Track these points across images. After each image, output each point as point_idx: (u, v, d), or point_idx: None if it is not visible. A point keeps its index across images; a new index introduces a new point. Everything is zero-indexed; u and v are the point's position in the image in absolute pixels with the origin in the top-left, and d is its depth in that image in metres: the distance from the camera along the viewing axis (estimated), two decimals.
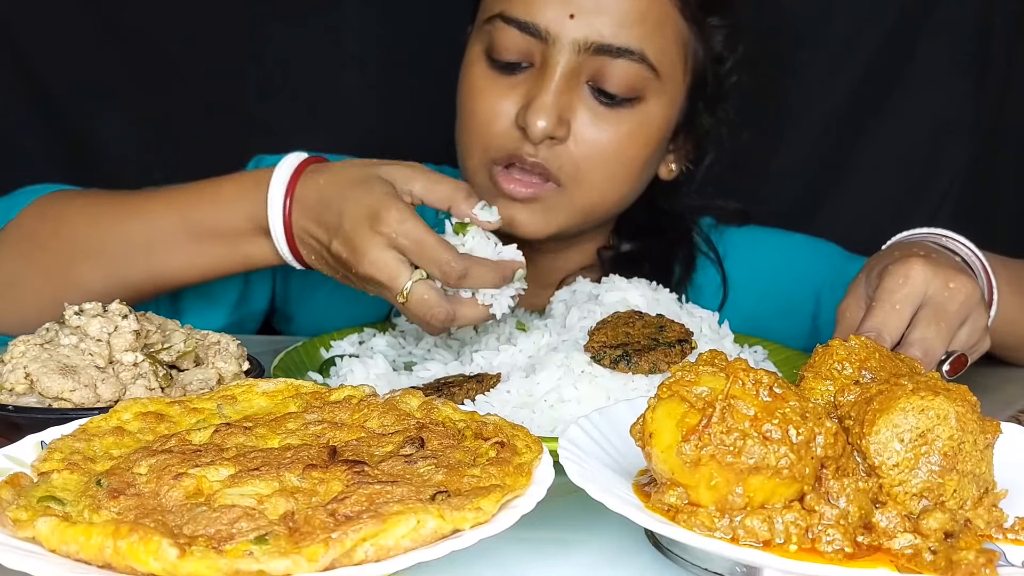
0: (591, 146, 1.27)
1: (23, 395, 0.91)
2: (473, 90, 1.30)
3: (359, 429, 0.81)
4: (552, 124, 1.23)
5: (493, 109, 1.28)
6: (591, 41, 1.23)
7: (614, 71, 1.24)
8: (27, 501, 0.68)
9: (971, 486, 0.74)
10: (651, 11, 1.26)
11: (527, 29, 1.25)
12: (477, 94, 1.30)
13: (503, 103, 1.27)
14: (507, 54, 1.27)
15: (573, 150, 1.26)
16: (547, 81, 1.24)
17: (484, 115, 1.29)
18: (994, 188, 1.87)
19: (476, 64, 1.31)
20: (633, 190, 1.36)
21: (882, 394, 0.74)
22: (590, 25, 1.23)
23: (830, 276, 1.47)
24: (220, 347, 1.01)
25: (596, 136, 1.27)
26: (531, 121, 1.23)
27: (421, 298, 1.09)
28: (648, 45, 1.26)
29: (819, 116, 1.86)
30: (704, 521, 0.69)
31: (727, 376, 0.71)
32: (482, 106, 1.29)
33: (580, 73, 1.25)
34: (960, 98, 1.82)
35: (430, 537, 0.64)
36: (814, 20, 1.82)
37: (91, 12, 1.82)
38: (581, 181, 1.28)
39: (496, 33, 1.27)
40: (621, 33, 1.24)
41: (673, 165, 1.42)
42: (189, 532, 0.64)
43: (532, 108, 1.23)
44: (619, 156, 1.29)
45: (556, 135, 1.25)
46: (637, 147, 1.30)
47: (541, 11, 1.24)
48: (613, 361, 1.05)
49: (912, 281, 1.02)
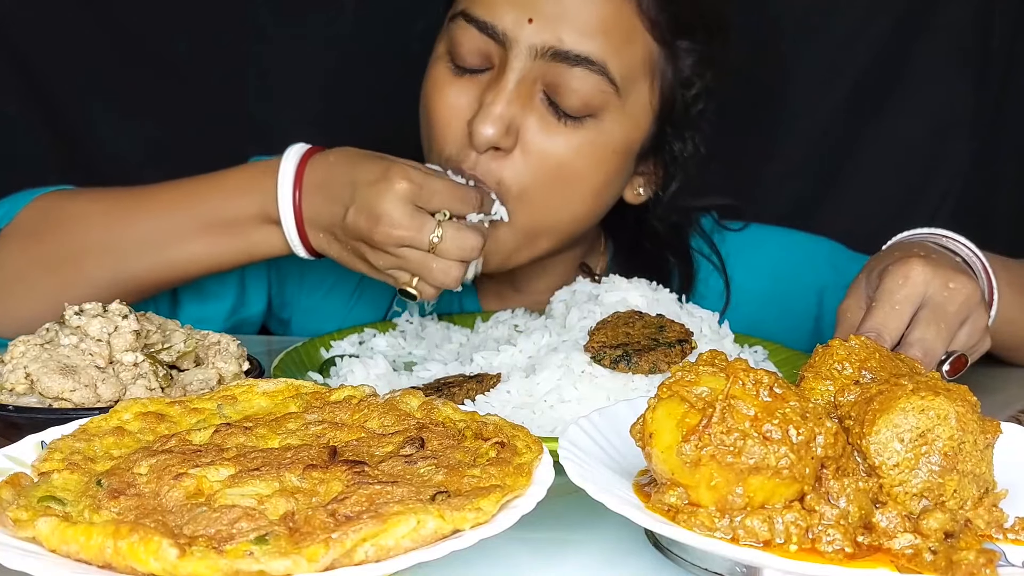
0: (538, 158, 1.22)
1: (23, 395, 0.91)
2: (433, 87, 1.28)
3: (359, 429, 0.81)
4: (499, 133, 1.19)
5: (449, 110, 1.25)
6: (548, 46, 1.19)
7: (571, 81, 1.20)
8: (27, 501, 0.68)
9: (971, 486, 0.74)
10: (618, 25, 1.22)
11: (486, 29, 1.22)
12: (436, 92, 1.27)
13: (459, 106, 1.24)
14: (467, 54, 1.24)
15: (517, 163, 1.22)
16: (500, 87, 1.20)
17: (440, 117, 1.26)
18: (994, 188, 1.87)
19: (439, 61, 1.28)
20: (588, 212, 1.30)
21: (882, 394, 0.74)
22: (549, 30, 1.19)
23: (832, 276, 1.47)
24: (220, 347, 1.01)
25: (545, 148, 1.21)
26: (477, 129, 1.19)
27: (455, 235, 1.11)
28: (611, 58, 1.21)
29: (819, 116, 1.86)
30: (704, 521, 0.69)
31: (727, 376, 0.71)
32: (439, 107, 1.26)
33: (536, 82, 1.21)
34: (960, 98, 1.83)
35: (430, 537, 0.64)
36: (814, 20, 1.82)
37: (91, 12, 1.82)
38: (525, 199, 1.23)
39: (457, 31, 1.24)
40: (582, 41, 1.19)
41: (641, 190, 1.37)
42: (189, 532, 0.64)
43: (480, 115, 1.19)
44: (568, 172, 1.23)
45: (501, 145, 1.20)
46: (589, 164, 1.24)
47: (501, 13, 1.21)
48: (613, 361, 1.05)
49: (912, 281, 1.02)
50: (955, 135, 1.84)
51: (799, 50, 1.82)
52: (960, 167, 1.85)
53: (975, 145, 1.84)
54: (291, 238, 1.19)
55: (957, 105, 1.83)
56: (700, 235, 1.51)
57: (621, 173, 1.31)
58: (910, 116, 1.83)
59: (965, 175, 1.85)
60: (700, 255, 1.49)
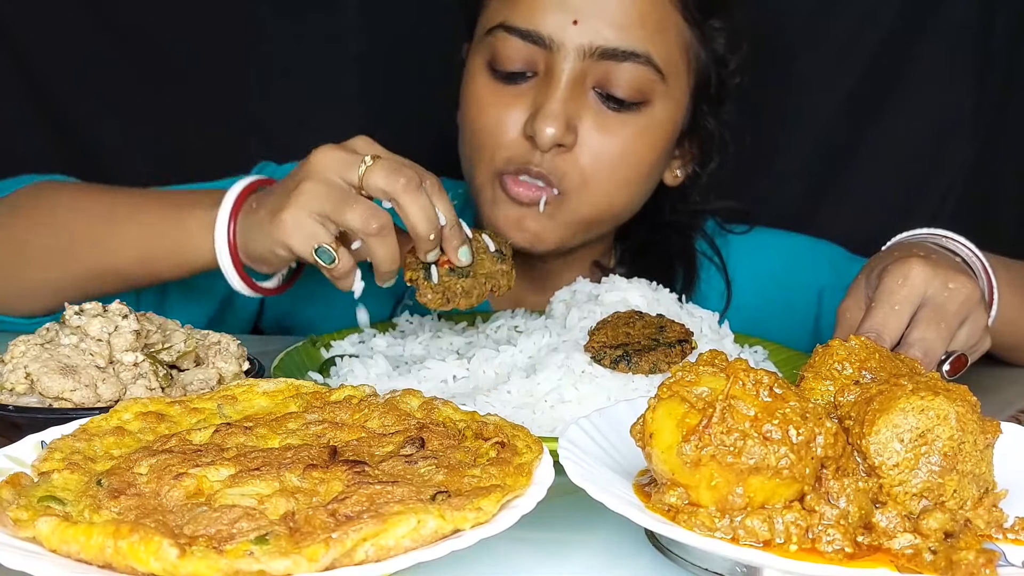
0: (598, 152, 1.26)
1: (23, 395, 0.91)
2: (478, 103, 1.29)
3: (359, 429, 0.81)
4: (560, 131, 1.23)
5: (500, 120, 1.27)
6: (596, 46, 1.23)
7: (620, 75, 1.24)
8: (27, 501, 0.68)
9: (971, 486, 0.74)
10: (652, 13, 1.25)
11: (530, 37, 1.24)
12: (482, 106, 1.29)
13: (510, 113, 1.27)
14: (511, 63, 1.26)
15: (580, 157, 1.26)
16: (553, 88, 1.23)
17: (491, 127, 1.28)
18: (994, 188, 1.87)
19: (479, 76, 1.30)
20: (639, 196, 1.35)
21: (882, 394, 0.74)
22: (593, 30, 1.23)
23: (832, 278, 1.47)
24: (220, 347, 1.02)
25: (603, 142, 1.26)
26: (539, 129, 1.22)
27: (387, 160, 1.09)
28: (652, 47, 1.25)
29: (819, 116, 1.86)
30: (704, 521, 0.69)
31: (727, 376, 0.71)
32: (489, 118, 1.28)
33: (586, 79, 1.25)
34: (960, 98, 1.82)
35: (430, 537, 0.64)
36: (814, 20, 1.82)
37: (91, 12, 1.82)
38: (586, 189, 1.27)
39: (498, 43, 1.26)
40: (625, 36, 1.23)
41: (679, 171, 1.42)
42: (189, 532, 0.64)
43: (540, 116, 1.22)
44: (626, 160, 1.28)
45: (564, 142, 1.24)
46: (644, 151, 1.29)
47: (543, 19, 1.24)
48: (613, 361, 1.05)
49: (911, 282, 1.02)
50: (955, 135, 1.84)
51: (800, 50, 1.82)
52: (960, 167, 1.85)
53: (975, 145, 1.84)
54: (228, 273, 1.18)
55: (957, 105, 1.83)
56: (703, 237, 1.52)
57: (667, 155, 1.36)
58: (910, 116, 1.82)
59: (965, 175, 1.85)
60: (703, 256, 1.50)
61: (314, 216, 1.07)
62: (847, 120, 1.85)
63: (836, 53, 1.82)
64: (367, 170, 1.07)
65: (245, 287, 1.19)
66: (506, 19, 1.26)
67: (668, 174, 1.41)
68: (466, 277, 1.15)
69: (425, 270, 1.14)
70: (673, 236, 1.48)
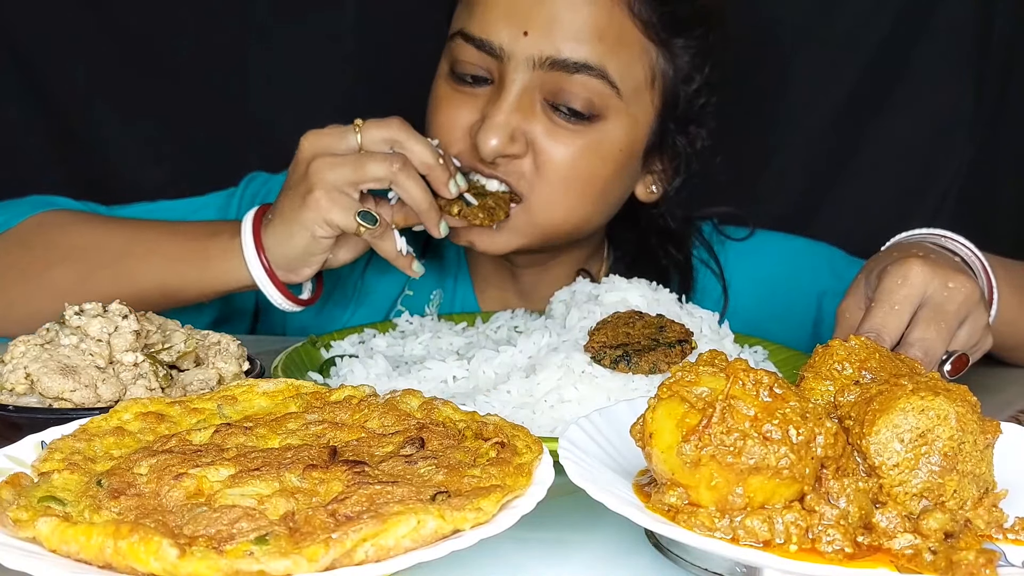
0: (547, 161, 1.26)
1: (23, 395, 0.91)
2: (435, 101, 1.33)
3: (359, 429, 0.81)
4: (502, 143, 1.24)
5: (452, 122, 1.29)
6: (546, 56, 1.23)
7: (571, 87, 1.24)
8: (27, 501, 0.68)
9: (971, 486, 0.74)
10: (610, 28, 1.25)
11: (483, 46, 1.26)
12: (438, 105, 1.32)
13: (460, 115, 1.29)
14: (467, 69, 1.28)
15: (531, 165, 1.27)
16: (501, 99, 1.25)
17: (444, 128, 1.30)
18: (994, 188, 1.87)
19: (441, 77, 1.33)
20: (598, 210, 1.35)
21: (882, 394, 0.74)
22: (545, 41, 1.23)
23: (831, 281, 1.47)
24: (220, 347, 1.02)
25: (553, 151, 1.26)
26: (482, 140, 1.24)
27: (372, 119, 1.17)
28: (609, 62, 1.25)
29: (819, 116, 1.86)
30: (704, 521, 0.69)
31: (727, 376, 0.71)
32: (442, 119, 1.31)
33: (536, 90, 1.25)
34: (960, 98, 1.82)
35: (430, 537, 0.64)
36: (814, 20, 1.82)
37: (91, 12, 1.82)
38: (541, 196, 1.28)
39: (456, 49, 1.29)
40: (578, 49, 1.23)
41: (653, 187, 1.41)
42: (189, 532, 0.64)
43: (484, 127, 1.24)
44: (578, 171, 1.28)
45: (509, 152, 1.25)
46: (597, 164, 1.29)
47: (496, 29, 1.25)
48: (613, 361, 1.05)
49: (911, 282, 1.02)
50: (955, 135, 1.84)
51: (799, 51, 1.82)
52: (960, 167, 1.85)
53: (975, 145, 1.84)
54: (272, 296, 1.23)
55: (957, 105, 1.83)
56: (700, 242, 1.52)
57: (628, 172, 1.35)
58: (910, 116, 1.83)
59: (965, 175, 1.85)
60: (700, 261, 1.50)
61: (340, 187, 1.15)
62: (846, 121, 1.85)
63: (836, 53, 1.83)
64: (362, 129, 1.15)
65: (285, 300, 1.24)
66: (464, 26, 1.28)
67: (641, 189, 1.40)
68: (483, 197, 1.26)
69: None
70: (668, 244, 1.48)
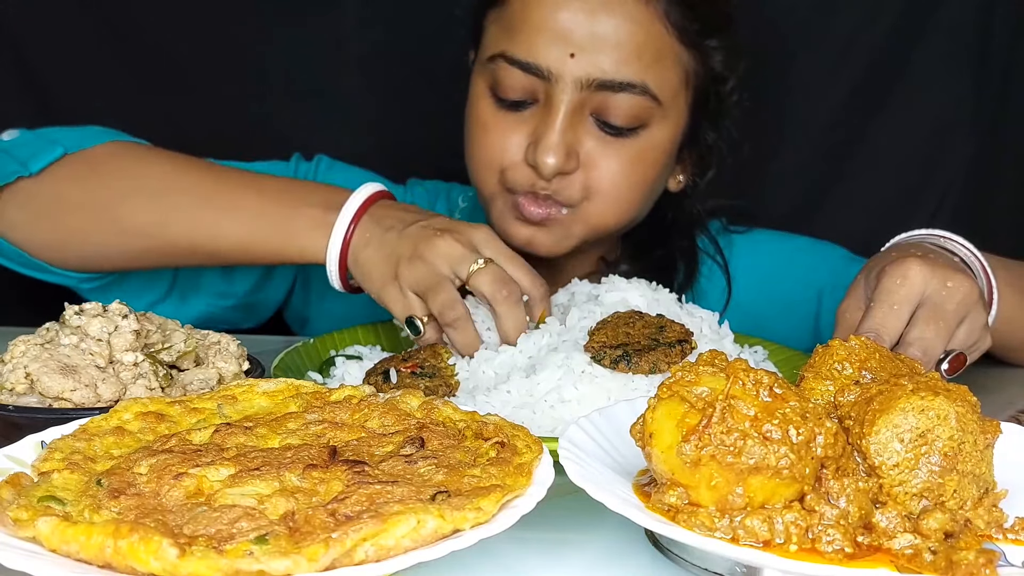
0: (601, 174, 1.30)
1: (23, 395, 0.91)
2: (482, 126, 1.34)
3: (359, 429, 0.81)
4: (561, 160, 1.26)
5: (503, 146, 1.31)
6: (593, 78, 1.26)
7: (617, 104, 1.27)
8: (27, 501, 0.68)
9: (971, 486, 0.74)
10: (649, 44, 1.28)
11: (529, 69, 1.27)
12: (485, 130, 1.33)
13: (512, 139, 1.31)
14: (512, 93, 1.30)
15: (584, 178, 1.30)
16: (552, 118, 1.27)
17: (494, 151, 1.32)
18: (994, 189, 1.87)
19: (482, 100, 1.34)
20: (643, 208, 1.40)
21: (882, 394, 0.74)
22: (591, 62, 1.26)
23: (832, 279, 1.48)
24: (220, 347, 1.02)
25: (605, 164, 1.30)
26: (541, 160, 1.26)
27: (496, 272, 1.16)
28: (649, 77, 1.28)
29: (819, 117, 1.86)
30: (704, 521, 0.69)
31: (727, 376, 0.71)
32: (492, 142, 1.32)
33: (584, 108, 1.28)
34: (960, 98, 1.82)
35: (430, 537, 0.64)
36: (814, 20, 1.82)
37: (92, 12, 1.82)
38: (593, 204, 1.32)
39: (499, 72, 1.30)
40: (622, 69, 1.26)
41: (680, 177, 1.46)
42: (189, 532, 0.64)
43: (541, 147, 1.26)
44: (627, 180, 1.32)
45: (565, 169, 1.28)
46: (644, 171, 1.33)
47: (542, 52, 1.27)
48: (613, 361, 1.05)
49: (910, 281, 1.03)
50: (955, 135, 1.84)
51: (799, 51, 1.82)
52: (960, 167, 1.85)
53: (975, 145, 1.84)
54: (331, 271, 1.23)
55: (957, 105, 1.83)
56: (706, 236, 1.53)
57: (668, 168, 1.40)
58: (910, 117, 1.82)
59: (965, 176, 1.85)
60: (706, 255, 1.52)
61: (413, 291, 1.18)
62: (847, 120, 1.85)
63: (836, 53, 1.82)
64: (476, 271, 1.16)
65: (342, 287, 1.24)
66: (506, 50, 1.29)
67: (671, 181, 1.45)
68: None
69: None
70: (676, 233, 1.52)
